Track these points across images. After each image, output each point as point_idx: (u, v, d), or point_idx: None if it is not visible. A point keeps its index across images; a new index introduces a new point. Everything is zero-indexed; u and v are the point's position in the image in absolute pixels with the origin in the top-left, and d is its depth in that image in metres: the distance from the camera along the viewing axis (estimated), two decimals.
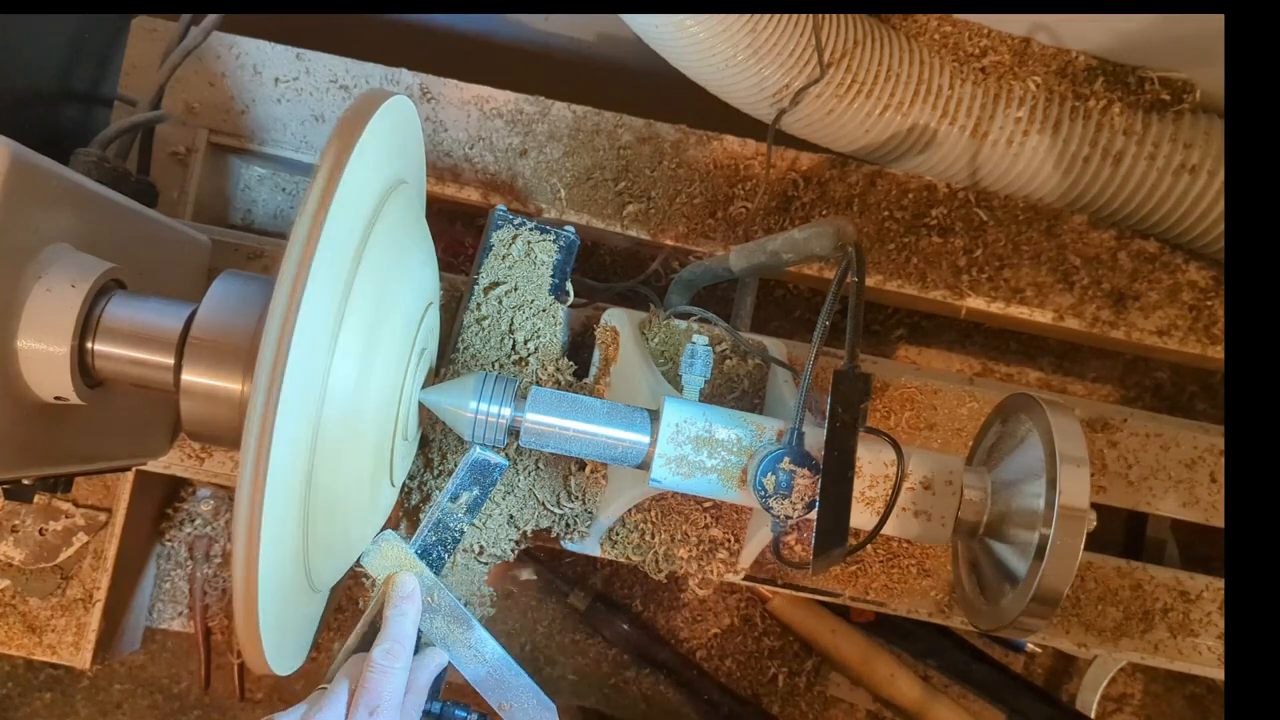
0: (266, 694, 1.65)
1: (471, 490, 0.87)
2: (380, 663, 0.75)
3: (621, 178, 1.35)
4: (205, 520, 1.60)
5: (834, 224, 1.00)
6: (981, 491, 0.91)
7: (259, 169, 1.60)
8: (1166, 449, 1.26)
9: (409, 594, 0.81)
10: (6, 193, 0.72)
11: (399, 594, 0.80)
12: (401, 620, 0.79)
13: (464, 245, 1.59)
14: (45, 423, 0.82)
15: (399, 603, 0.80)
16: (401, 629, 0.78)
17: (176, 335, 0.80)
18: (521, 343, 1.07)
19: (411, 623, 0.80)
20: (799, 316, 1.68)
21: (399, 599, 0.80)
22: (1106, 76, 1.30)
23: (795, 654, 1.67)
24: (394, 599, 0.80)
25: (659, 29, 1.21)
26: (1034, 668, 1.70)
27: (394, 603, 0.80)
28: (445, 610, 0.83)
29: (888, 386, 1.22)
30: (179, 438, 1.16)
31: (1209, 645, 1.23)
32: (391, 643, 0.76)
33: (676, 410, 0.90)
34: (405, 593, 0.81)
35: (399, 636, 0.77)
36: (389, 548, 0.83)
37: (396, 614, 0.79)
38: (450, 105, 1.35)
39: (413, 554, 0.83)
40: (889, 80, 1.26)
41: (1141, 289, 1.37)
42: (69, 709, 1.63)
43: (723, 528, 1.10)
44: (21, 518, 1.32)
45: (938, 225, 1.36)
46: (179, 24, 1.10)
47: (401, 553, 0.83)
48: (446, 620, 0.83)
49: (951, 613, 1.20)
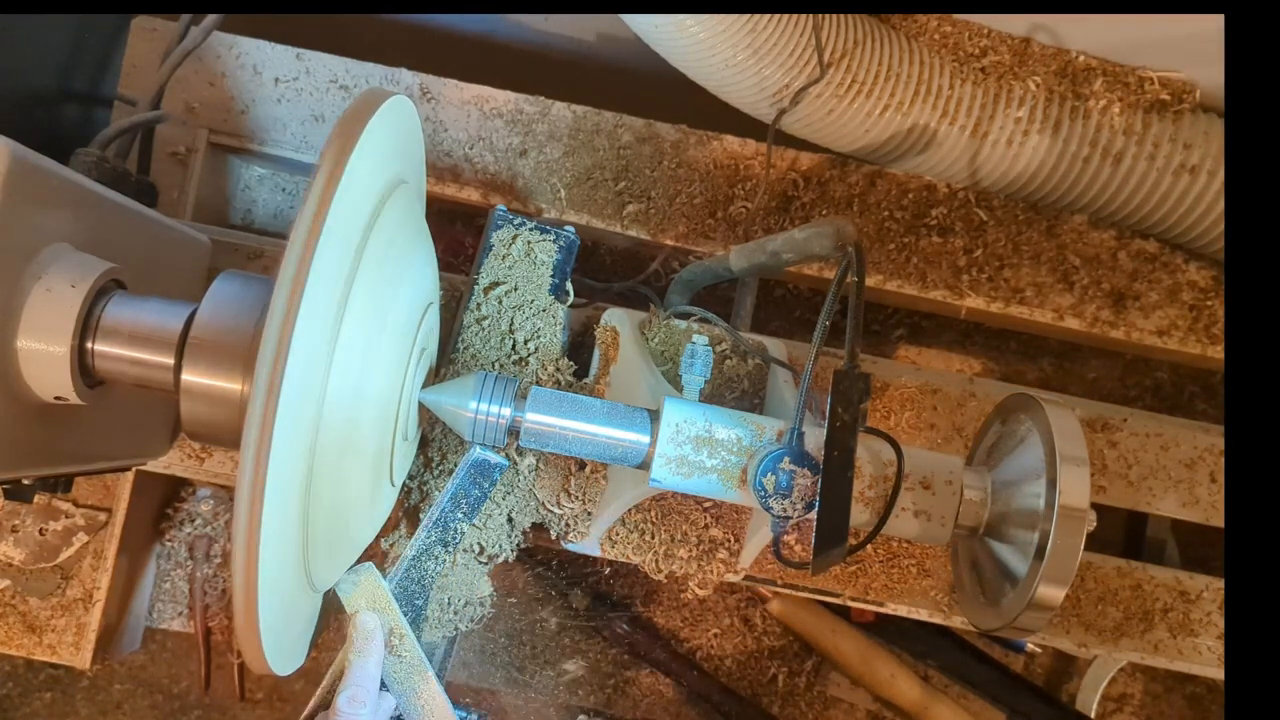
0: (266, 694, 1.65)
1: (471, 490, 0.87)
2: (345, 710, 0.75)
3: (621, 178, 1.35)
4: (205, 520, 1.60)
5: (834, 224, 1.00)
6: (981, 491, 0.91)
7: (259, 169, 1.60)
8: (1166, 449, 1.26)
9: (370, 634, 0.81)
10: (6, 193, 0.72)
11: (360, 635, 0.81)
12: (364, 664, 0.79)
13: (464, 245, 1.59)
14: (45, 423, 0.82)
15: (360, 645, 0.80)
16: (364, 672, 0.79)
17: (176, 335, 0.80)
18: (521, 343, 1.07)
19: (375, 663, 0.80)
20: (799, 316, 1.68)
21: (360, 641, 0.81)
22: (1106, 76, 1.30)
23: (795, 654, 1.67)
24: (356, 642, 0.81)
25: (659, 29, 1.21)
26: (1034, 668, 1.70)
27: (355, 646, 0.80)
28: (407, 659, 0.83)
29: (888, 386, 1.22)
30: (179, 438, 1.16)
31: (1209, 645, 1.23)
32: (355, 688, 0.77)
33: (676, 410, 0.90)
34: (366, 634, 0.81)
35: (361, 680, 0.78)
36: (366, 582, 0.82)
37: (358, 658, 0.80)
38: (450, 105, 1.35)
39: (388, 591, 0.83)
40: (889, 80, 1.26)
41: (1141, 289, 1.37)
42: (69, 709, 1.63)
43: (723, 528, 1.10)
44: (21, 518, 1.32)
45: (938, 225, 1.36)
46: (179, 24, 1.10)
47: (377, 589, 0.82)
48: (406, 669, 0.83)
49: (951, 613, 1.20)
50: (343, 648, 0.81)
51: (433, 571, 0.89)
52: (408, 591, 0.89)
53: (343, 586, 0.82)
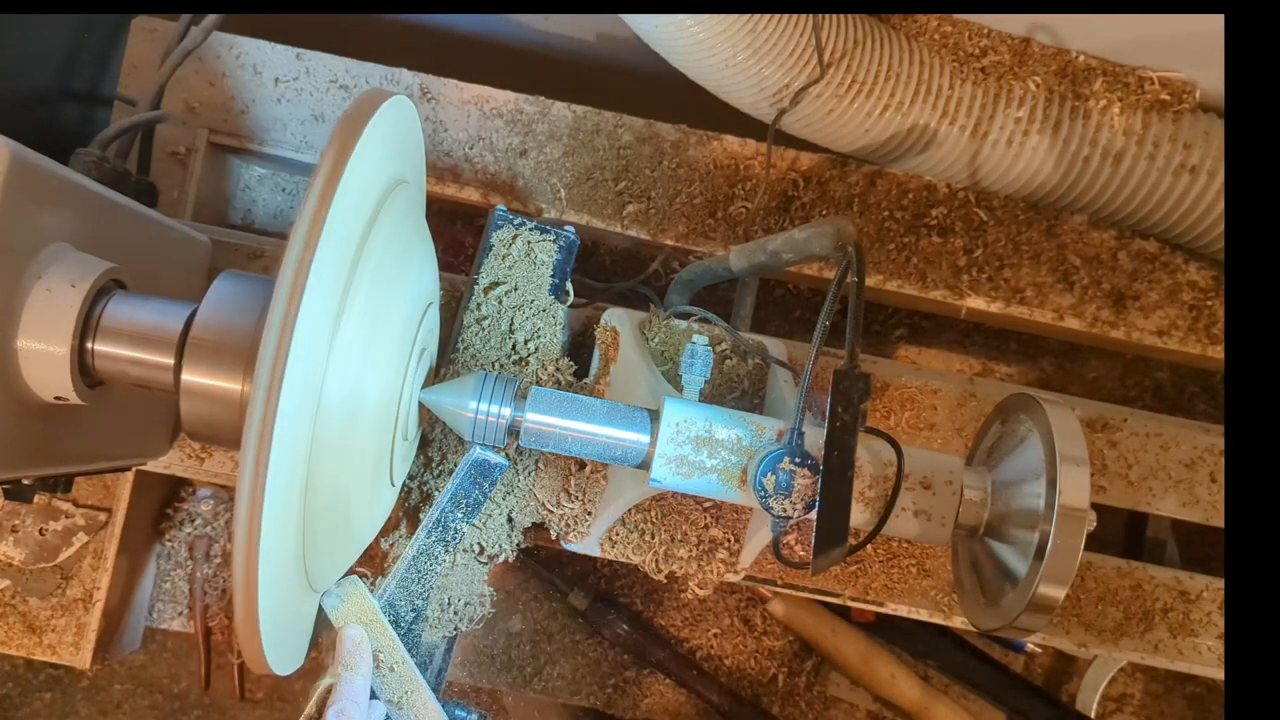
0: (266, 694, 1.65)
1: (471, 490, 0.86)
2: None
3: (621, 178, 1.35)
4: (205, 520, 1.60)
5: (834, 224, 1.00)
6: (981, 491, 0.91)
7: (259, 169, 1.60)
8: (1166, 449, 1.26)
9: (358, 647, 0.80)
10: (6, 193, 0.72)
11: (348, 649, 0.80)
12: (352, 678, 0.78)
13: (464, 245, 1.59)
14: (45, 423, 0.82)
15: (347, 659, 0.80)
16: (353, 686, 0.78)
17: (176, 335, 0.80)
18: (521, 343, 1.07)
19: (363, 676, 0.79)
20: (799, 316, 1.68)
21: (348, 655, 0.80)
22: (1106, 76, 1.30)
23: (795, 654, 1.67)
24: (343, 656, 0.80)
25: (659, 29, 1.21)
26: (1034, 668, 1.70)
27: (343, 660, 0.79)
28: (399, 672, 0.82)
29: (888, 386, 1.22)
30: (179, 438, 1.16)
31: (1209, 645, 1.23)
32: (344, 702, 0.76)
33: (676, 410, 0.90)
34: (354, 647, 0.80)
35: (350, 694, 0.77)
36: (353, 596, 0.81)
37: (346, 672, 0.79)
38: (450, 105, 1.35)
39: (376, 605, 0.81)
40: (889, 80, 1.26)
41: (1141, 289, 1.37)
42: (69, 709, 1.63)
43: (723, 528, 1.10)
44: (21, 518, 1.32)
45: (938, 225, 1.36)
46: (179, 24, 1.10)
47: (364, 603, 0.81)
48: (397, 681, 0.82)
49: (951, 613, 1.20)
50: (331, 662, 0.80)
51: (433, 571, 0.89)
52: (408, 591, 0.89)
53: (329, 600, 0.81)
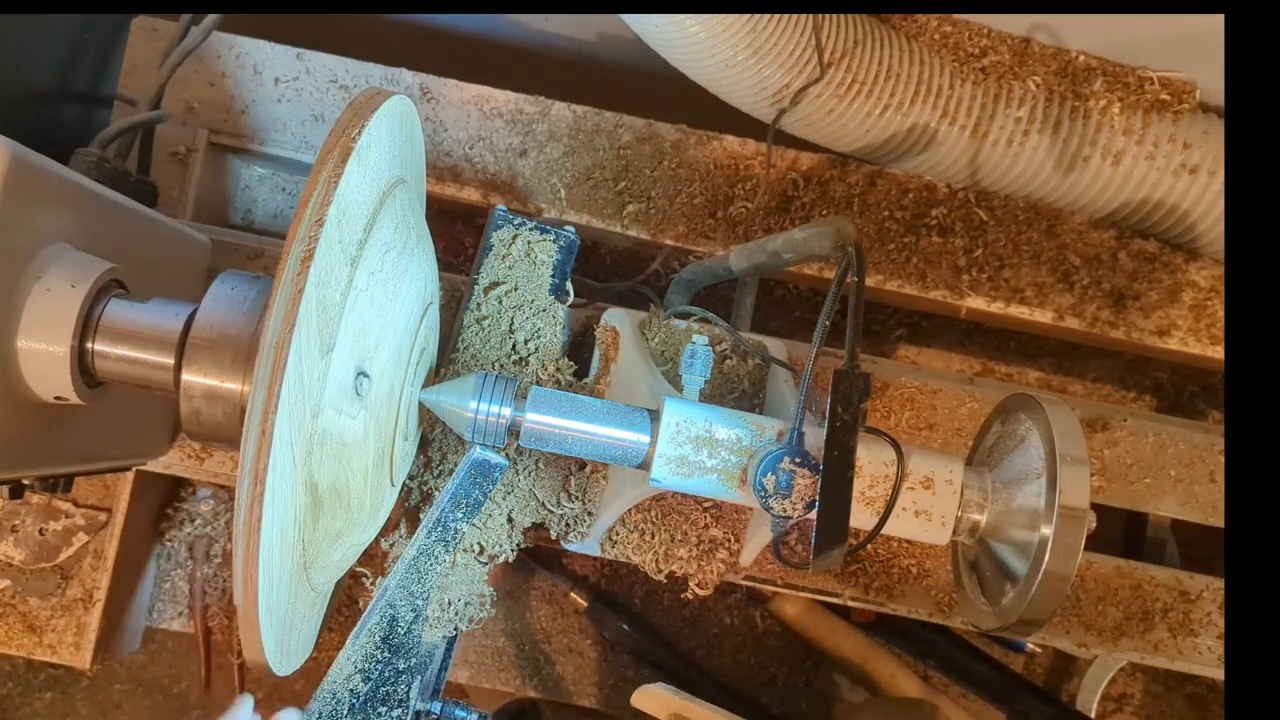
0: (266, 694, 1.65)
1: (471, 490, 0.86)
2: None
3: (621, 178, 1.35)
4: (205, 520, 1.60)
5: (834, 224, 0.99)
6: (981, 491, 0.90)
7: (259, 169, 1.60)
8: (1166, 449, 1.26)
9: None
10: (6, 193, 0.71)
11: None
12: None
13: (464, 245, 1.59)
14: (45, 423, 0.82)
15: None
16: None
17: (176, 335, 0.79)
18: (521, 343, 1.07)
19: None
20: (799, 316, 1.68)
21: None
22: (1106, 76, 1.30)
23: (795, 654, 1.67)
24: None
25: (659, 29, 1.21)
26: (1034, 668, 1.70)
27: None
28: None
29: (888, 386, 1.22)
30: (179, 438, 1.16)
31: (1209, 645, 1.23)
32: None
33: (676, 410, 0.90)
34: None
35: None
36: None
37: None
38: (450, 105, 1.35)
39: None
40: (889, 80, 1.26)
41: (1141, 289, 1.37)
42: (69, 709, 1.63)
43: (723, 528, 1.09)
44: (21, 518, 1.32)
45: (938, 225, 1.36)
46: (179, 24, 1.09)
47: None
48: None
49: (951, 613, 1.20)
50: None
51: (433, 571, 0.89)
52: (408, 591, 0.89)
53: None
